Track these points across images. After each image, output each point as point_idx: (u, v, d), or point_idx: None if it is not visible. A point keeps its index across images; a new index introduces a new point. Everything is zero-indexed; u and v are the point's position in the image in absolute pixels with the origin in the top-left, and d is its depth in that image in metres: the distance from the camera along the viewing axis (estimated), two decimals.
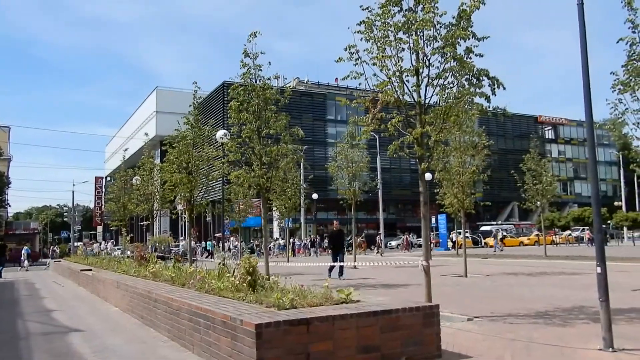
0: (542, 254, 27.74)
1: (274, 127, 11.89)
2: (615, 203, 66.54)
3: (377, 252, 38.42)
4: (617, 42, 10.82)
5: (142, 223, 64.63)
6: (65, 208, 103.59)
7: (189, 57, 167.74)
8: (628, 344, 6.02)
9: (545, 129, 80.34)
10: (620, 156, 58.78)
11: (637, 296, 10.73)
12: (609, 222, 52.95)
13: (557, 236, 50.45)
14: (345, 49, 8.28)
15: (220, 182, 32.31)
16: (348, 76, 8.44)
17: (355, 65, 8.25)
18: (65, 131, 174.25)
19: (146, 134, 37.53)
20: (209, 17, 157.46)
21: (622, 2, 10.73)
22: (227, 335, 5.15)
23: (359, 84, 8.43)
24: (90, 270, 16.06)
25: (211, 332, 5.55)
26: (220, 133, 14.77)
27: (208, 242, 44.99)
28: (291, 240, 41.13)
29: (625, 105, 10.87)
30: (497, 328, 7.46)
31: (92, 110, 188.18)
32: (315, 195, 38.57)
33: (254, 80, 11.95)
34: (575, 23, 6.54)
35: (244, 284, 6.72)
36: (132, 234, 25.65)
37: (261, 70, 11.93)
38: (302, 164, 37.00)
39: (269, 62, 11.97)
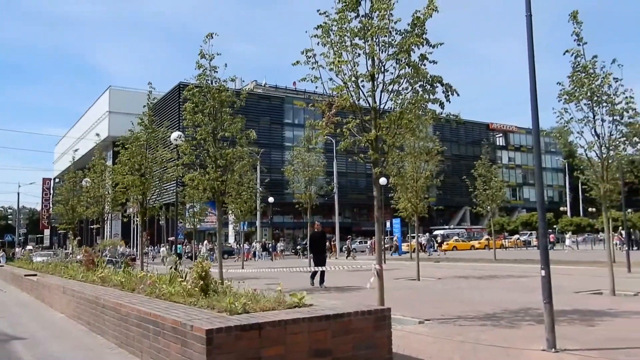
0: (492, 257, 28.54)
1: (230, 129, 11.77)
2: (561, 208, 69.31)
3: (348, 256, 38.50)
4: (564, 53, 11.35)
5: (92, 226, 62.71)
6: (10, 210, 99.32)
7: (147, 58, 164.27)
8: (570, 344, 6.26)
9: (497, 136, 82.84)
10: (566, 163, 61.25)
11: (579, 298, 11.18)
12: (554, 226, 54.97)
13: (506, 240, 52.00)
14: (302, 53, 8.31)
15: (174, 184, 31.77)
16: (305, 79, 8.46)
17: (312, 69, 8.30)
18: (11, 130, 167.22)
19: (97, 135, 36.50)
20: (168, 17, 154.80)
21: (568, 15, 11.25)
22: (177, 341, 5.04)
23: (316, 88, 8.47)
24: (35, 275, 15.42)
25: (160, 338, 5.42)
26: (175, 135, 14.52)
27: (179, 246, 43.17)
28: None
29: (570, 114, 11.41)
30: (447, 330, 7.61)
31: (41, 109, 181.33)
32: (271, 199, 38.44)
33: (209, 82, 11.81)
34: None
35: (196, 289, 6.61)
36: (79, 238, 24.84)
37: (217, 72, 11.81)
38: (258, 167, 36.87)
39: (225, 64, 11.87)
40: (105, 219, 24.25)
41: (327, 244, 41.66)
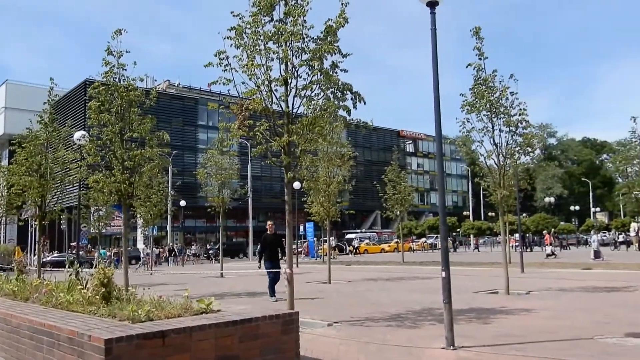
0: (400, 260, 29.59)
1: (139, 130, 11.32)
2: (465, 213, 73.25)
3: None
4: (467, 66, 12.07)
5: None
6: None
7: (51, 53, 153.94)
8: (467, 341, 6.64)
9: (407, 142, 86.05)
10: (469, 170, 64.88)
11: (477, 297, 11.88)
12: (458, 230, 57.95)
13: (414, 243, 54.08)
14: (215, 55, 8.20)
15: (77, 186, 30.16)
16: (217, 81, 8.36)
17: (224, 71, 8.21)
18: None
19: None
20: (78, 11, 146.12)
21: (471, 31, 11.97)
22: (73, 352, 4.77)
23: (228, 91, 8.40)
24: None
25: (55, 351, 5.10)
26: (78, 134, 13.80)
27: (102, 251, 39.33)
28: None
29: (471, 124, 12.13)
30: (354, 332, 7.80)
31: None
32: (183, 202, 37.41)
33: (117, 80, 11.31)
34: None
35: (97, 297, 6.28)
36: None
37: (125, 69, 11.33)
38: (170, 170, 35.80)
39: (135, 62, 11.42)
40: None
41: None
